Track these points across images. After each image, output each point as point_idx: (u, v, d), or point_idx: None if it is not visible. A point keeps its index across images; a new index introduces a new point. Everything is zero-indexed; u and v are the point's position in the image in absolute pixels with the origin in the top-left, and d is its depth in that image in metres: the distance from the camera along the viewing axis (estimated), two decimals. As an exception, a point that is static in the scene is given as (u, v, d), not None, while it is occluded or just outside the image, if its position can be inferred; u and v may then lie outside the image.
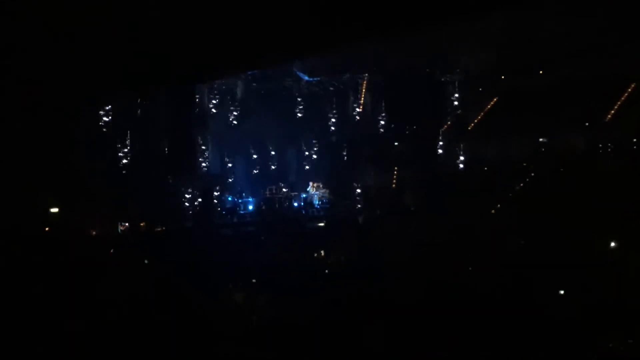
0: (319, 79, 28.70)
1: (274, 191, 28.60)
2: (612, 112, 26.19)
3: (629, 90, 26.34)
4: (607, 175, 24.19)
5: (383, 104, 28.35)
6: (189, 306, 19.61)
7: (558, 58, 25.48)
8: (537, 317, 18.53)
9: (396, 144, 28.61)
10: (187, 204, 27.54)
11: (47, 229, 25.32)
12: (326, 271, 24.02)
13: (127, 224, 26.75)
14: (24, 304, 17.01)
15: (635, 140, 25.13)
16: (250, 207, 28.29)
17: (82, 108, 22.70)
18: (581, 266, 21.30)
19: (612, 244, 22.84)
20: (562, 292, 20.90)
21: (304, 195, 28.65)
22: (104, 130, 27.73)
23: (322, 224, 27.58)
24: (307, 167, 29.36)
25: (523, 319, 18.44)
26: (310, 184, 28.97)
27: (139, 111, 28.21)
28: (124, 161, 27.93)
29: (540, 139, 26.77)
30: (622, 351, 16.77)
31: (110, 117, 27.71)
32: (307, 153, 29.42)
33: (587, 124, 26.04)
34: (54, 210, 25.40)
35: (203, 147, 28.63)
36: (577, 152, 25.97)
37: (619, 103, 26.21)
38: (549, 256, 21.73)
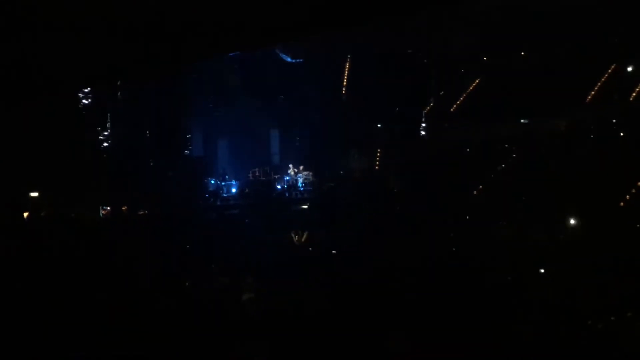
0: (301, 60, 28.58)
1: (257, 174, 28.47)
2: (593, 93, 26.37)
3: (609, 71, 26.53)
4: (587, 157, 24.39)
5: (366, 85, 28.14)
6: (173, 290, 19.56)
7: (539, 38, 25.59)
8: (519, 297, 18.77)
9: (379, 126, 28.61)
10: (169, 187, 27.14)
11: (26, 213, 25.13)
12: (310, 253, 24.05)
13: (108, 208, 26.36)
14: (3, 292, 16.86)
15: (615, 121, 25.32)
16: (234, 190, 28.16)
17: (63, 91, 22.36)
18: (561, 247, 21.59)
19: (590, 225, 23.02)
20: (542, 270, 21.15)
21: (287, 178, 28.56)
22: (85, 113, 27.38)
23: (305, 207, 27.48)
24: (290, 149, 29.28)
25: (504, 298, 18.65)
26: (291, 166, 28.87)
27: (120, 94, 27.90)
28: (105, 144, 27.66)
29: (522, 120, 26.77)
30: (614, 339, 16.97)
31: (90, 100, 27.39)
32: (290, 136, 29.35)
33: (568, 105, 26.04)
34: (34, 194, 25.18)
35: (185, 130, 28.50)
36: (558, 134, 26.06)
37: (599, 84, 26.39)
38: (530, 237, 21.98)
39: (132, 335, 15.79)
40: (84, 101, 27.22)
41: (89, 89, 26.24)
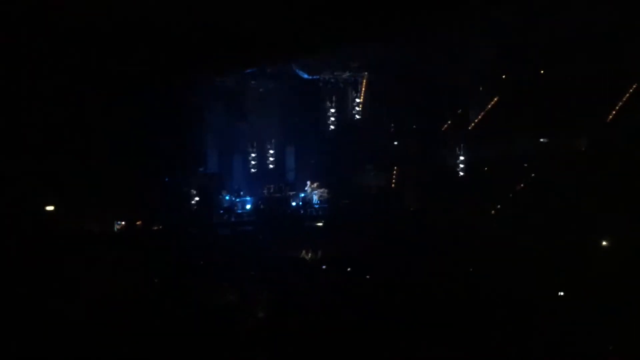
0: (318, 77, 28.47)
1: (272, 190, 28.31)
2: (614, 112, 26.00)
3: (631, 90, 26.16)
4: (608, 176, 23.99)
5: (383, 102, 28.07)
6: (186, 305, 19.48)
7: (560, 57, 25.33)
8: (537, 318, 18.48)
9: (396, 143, 28.35)
10: (184, 202, 27.16)
11: (42, 227, 25.17)
12: (324, 270, 23.84)
13: (123, 222, 26.33)
14: (20, 302, 16.90)
15: (636, 140, 24.90)
16: (248, 207, 28.01)
17: (77, 104, 22.62)
18: (582, 266, 21.23)
19: (612, 244, 22.67)
20: (561, 293, 20.82)
21: (303, 195, 28.40)
22: (101, 127, 27.41)
23: (320, 224, 27.25)
24: (306, 166, 29.14)
25: (523, 319, 18.38)
26: (309, 183, 28.71)
27: (136, 108, 27.88)
28: (121, 159, 27.62)
29: (541, 139, 26.36)
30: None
31: (106, 115, 27.41)
32: (306, 152, 29.22)
33: (588, 124, 25.69)
34: (50, 208, 25.15)
35: (201, 146, 28.37)
36: (578, 153, 25.66)
37: (620, 103, 26.02)
38: (550, 256, 21.62)
39: (145, 348, 15.76)
40: (98, 116, 27.21)
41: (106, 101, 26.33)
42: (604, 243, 22.83)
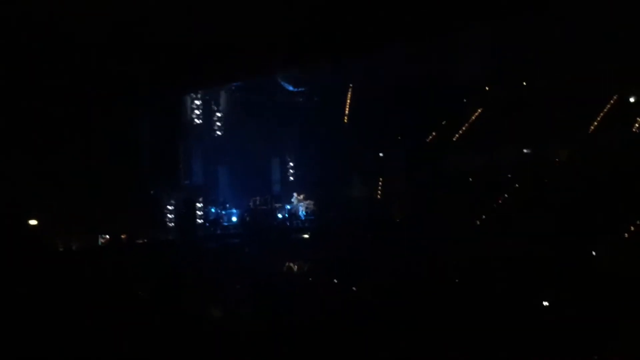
0: (303, 89, 28.54)
1: (257, 202, 28.30)
2: (596, 123, 26.35)
3: (612, 101, 26.55)
4: (591, 186, 24.24)
5: (368, 114, 28.10)
6: (171, 319, 19.26)
7: (541, 69, 25.64)
8: (520, 329, 18.53)
9: (381, 155, 28.43)
10: (169, 215, 26.96)
11: (25, 241, 24.85)
12: (311, 282, 23.76)
13: (107, 236, 26.04)
14: (3, 321, 16.61)
15: (618, 150, 25.23)
16: (234, 219, 27.95)
17: (59, 117, 22.34)
18: (566, 276, 21.33)
19: (597, 254, 22.84)
20: (546, 303, 20.90)
21: (289, 207, 28.41)
22: (84, 140, 27.20)
23: (306, 236, 27.22)
24: (291, 178, 29.20)
25: (508, 330, 18.40)
26: (295, 195, 28.72)
27: (119, 120, 27.72)
28: (105, 172, 27.39)
29: (525, 150, 26.68)
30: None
31: (89, 127, 27.20)
32: (291, 164, 29.25)
33: (570, 135, 26.02)
34: (33, 222, 24.84)
35: (186, 158, 28.24)
36: (561, 163, 25.99)
37: (602, 114, 26.39)
38: (533, 265, 21.58)
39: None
40: (82, 129, 27.00)
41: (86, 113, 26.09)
42: (589, 251, 22.86)
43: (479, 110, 27.74)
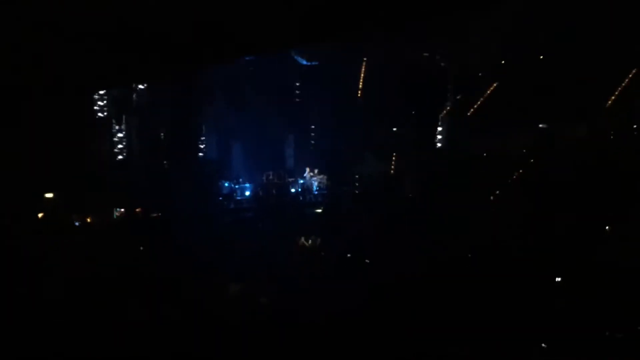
0: (317, 63, 28.29)
1: (271, 177, 28.29)
2: (614, 98, 25.85)
3: (630, 76, 26.02)
4: (609, 163, 23.91)
5: (382, 89, 27.73)
6: (185, 294, 19.46)
7: (559, 43, 25.12)
8: (534, 305, 18.52)
9: (395, 129, 28.18)
10: (183, 189, 26.98)
11: (41, 214, 25.19)
12: (324, 257, 23.81)
13: (122, 210, 26.38)
14: (20, 288, 16.90)
15: (636, 126, 24.82)
16: (247, 193, 27.99)
17: (78, 93, 22.38)
18: (580, 255, 21.23)
19: (613, 233, 22.64)
20: (558, 279, 20.86)
21: (302, 181, 28.33)
22: (100, 115, 27.36)
23: (319, 210, 27.19)
24: (305, 153, 29.02)
25: (519, 305, 18.41)
26: (308, 170, 28.64)
27: (135, 96, 27.88)
28: (120, 146, 27.62)
29: (541, 125, 26.34)
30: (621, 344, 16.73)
31: (105, 102, 27.34)
32: (305, 139, 29.08)
33: (588, 110, 25.55)
34: (49, 195, 25.33)
35: (200, 133, 28.37)
36: (578, 139, 25.56)
37: (620, 89, 25.87)
38: (547, 244, 21.75)
39: (144, 336, 15.78)
40: (99, 104, 27.17)
41: (104, 92, 26.17)
42: (604, 230, 22.63)
43: (494, 85, 27.29)
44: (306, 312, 18.31)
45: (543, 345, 16.97)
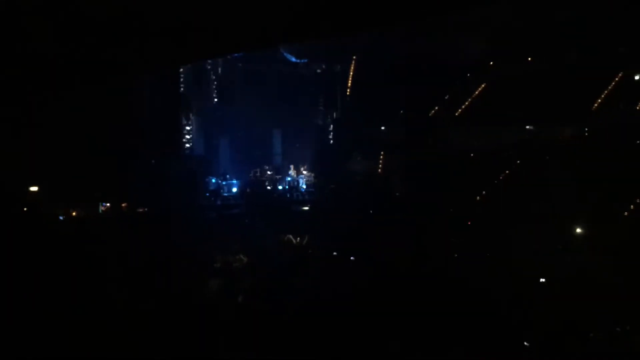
0: (306, 60, 28.26)
1: (258, 174, 28.29)
2: (600, 100, 26.06)
3: (616, 78, 26.24)
4: (593, 164, 24.06)
5: (371, 87, 27.66)
6: (170, 290, 19.29)
7: (547, 46, 25.26)
8: (520, 302, 18.59)
9: (383, 128, 28.14)
10: (170, 185, 26.73)
11: (25, 208, 24.87)
12: (311, 254, 23.78)
13: (108, 205, 26.10)
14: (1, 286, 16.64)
15: (620, 129, 25.01)
16: (234, 190, 27.85)
17: (65, 87, 22.03)
18: (565, 254, 21.35)
19: (596, 232, 22.78)
20: (542, 280, 20.94)
21: (289, 179, 28.25)
22: (84, 109, 27.04)
23: (306, 208, 27.16)
24: (292, 150, 28.95)
25: (507, 304, 18.45)
26: (292, 167, 28.60)
27: (120, 90, 27.53)
28: (106, 140, 27.28)
29: (527, 127, 26.42)
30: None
31: (91, 97, 27.04)
32: (292, 136, 28.99)
33: (574, 112, 25.69)
34: (33, 188, 24.99)
35: (187, 128, 28.12)
36: (564, 141, 25.68)
37: (606, 91, 26.09)
38: (533, 244, 21.61)
39: (129, 333, 15.59)
40: (84, 98, 26.86)
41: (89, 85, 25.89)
42: (588, 232, 22.77)
43: (483, 86, 27.40)
44: (289, 310, 18.23)
45: (526, 343, 17.03)
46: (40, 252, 20.23)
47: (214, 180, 27.95)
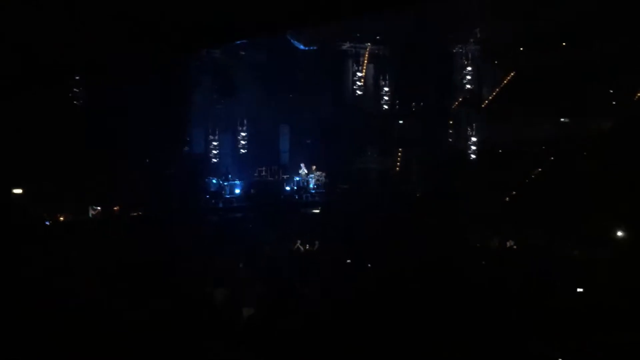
0: (315, 48, 26.51)
1: (263, 173, 26.65)
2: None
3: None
4: (634, 160, 22.23)
5: (387, 77, 26.48)
6: (167, 301, 17.68)
7: (583, 29, 23.38)
8: (552, 312, 16.98)
9: (401, 122, 26.89)
10: (167, 186, 25.31)
11: (7, 212, 23.62)
12: (322, 262, 22.04)
13: (99, 208, 24.78)
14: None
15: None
16: (237, 191, 26.22)
17: (51, 82, 20.98)
18: (604, 259, 19.59)
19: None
20: (580, 290, 19.22)
21: (298, 179, 26.61)
22: (75, 106, 25.86)
23: (317, 211, 25.62)
24: (301, 147, 27.14)
25: (536, 311, 16.88)
26: (302, 166, 26.94)
27: (113, 84, 25.97)
28: (97, 138, 25.77)
29: (562, 119, 24.78)
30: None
31: (80, 91, 25.74)
32: (301, 131, 27.23)
33: (613, 103, 24.11)
34: (17, 191, 23.75)
35: (185, 124, 26.53)
36: (602, 135, 23.97)
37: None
38: (567, 248, 20.10)
39: (123, 346, 13.99)
40: (74, 94, 25.80)
41: (79, 80, 24.87)
42: (625, 234, 21.06)
43: (511, 74, 25.66)
44: (297, 324, 16.53)
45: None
46: (25, 259, 18.83)
47: (215, 181, 26.28)
